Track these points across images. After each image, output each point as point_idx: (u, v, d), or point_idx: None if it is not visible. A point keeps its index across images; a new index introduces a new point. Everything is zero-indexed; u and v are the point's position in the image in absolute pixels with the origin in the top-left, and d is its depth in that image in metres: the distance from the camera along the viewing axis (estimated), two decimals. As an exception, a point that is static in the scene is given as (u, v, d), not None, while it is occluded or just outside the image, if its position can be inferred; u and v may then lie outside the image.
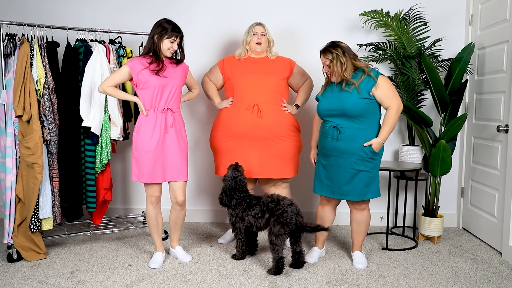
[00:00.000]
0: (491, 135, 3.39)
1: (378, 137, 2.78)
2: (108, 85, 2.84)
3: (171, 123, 2.87)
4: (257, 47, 3.22)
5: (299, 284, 2.67)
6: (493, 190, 3.36)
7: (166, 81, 2.84)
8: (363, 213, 2.92)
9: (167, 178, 2.90)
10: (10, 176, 2.98)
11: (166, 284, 2.67)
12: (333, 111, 2.78)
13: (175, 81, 2.88)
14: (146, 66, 2.82)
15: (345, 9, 3.82)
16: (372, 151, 2.77)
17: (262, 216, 2.85)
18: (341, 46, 2.76)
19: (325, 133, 2.84)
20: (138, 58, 2.86)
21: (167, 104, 2.87)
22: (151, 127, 2.84)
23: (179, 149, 2.91)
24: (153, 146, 2.83)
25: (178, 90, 2.92)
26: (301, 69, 3.34)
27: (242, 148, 3.18)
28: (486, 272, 2.89)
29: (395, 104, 2.75)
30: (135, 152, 2.88)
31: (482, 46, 3.55)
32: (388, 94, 2.75)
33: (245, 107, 3.15)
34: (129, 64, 2.84)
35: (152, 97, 2.83)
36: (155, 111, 2.85)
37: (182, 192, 2.94)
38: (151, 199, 2.93)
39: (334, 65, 2.73)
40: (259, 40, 3.21)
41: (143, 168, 2.85)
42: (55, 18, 3.74)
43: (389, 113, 2.77)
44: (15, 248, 3.00)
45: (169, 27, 2.81)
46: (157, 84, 2.82)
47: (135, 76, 2.82)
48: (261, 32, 3.22)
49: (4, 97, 3.01)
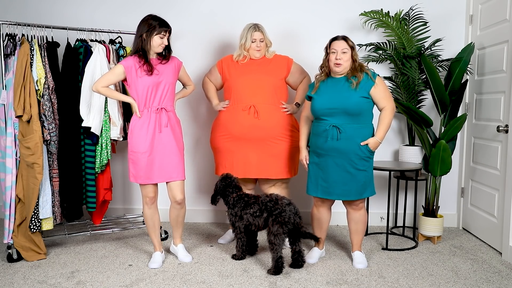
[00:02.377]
0: (491, 135, 3.39)
1: (375, 137, 2.79)
2: (102, 85, 2.81)
3: (166, 123, 2.86)
4: (256, 53, 3.20)
5: (299, 284, 2.67)
6: (493, 190, 3.36)
7: (159, 79, 2.81)
8: (360, 212, 2.92)
9: (165, 178, 2.89)
10: (10, 176, 2.98)
11: (166, 284, 2.67)
12: (333, 109, 2.77)
13: (167, 79, 2.85)
14: (139, 66, 2.79)
15: (345, 9, 3.81)
16: (369, 150, 2.79)
17: (261, 215, 2.85)
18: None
19: (322, 133, 2.81)
20: (132, 57, 2.83)
21: (160, 104, 2.85)
22: (145, 127, 2.82)
23: (175, 148, 2.90)
24: (148, 147, 2.82)
25: (171, 88, 2.89)
26: (299, 67, 3.32)
27: (241, 148, 3.18)
28: (486, 272, 2.89)
29: (390, 105, 2.80)
30: (130, 153, 2.87)
31: (482, 46, 3.55)
32: (385, 94, 2.79)
33: (242, 108, 3.15)
34: (124, 64, 2.80)
35: (146, 97, 2.81)
36: (149, 111, 2.83)
37: (180, 191, 2.94)
38: (145, 200, 2.93)
39: (355, 54, 2.78)
40: (259, 47, 3.18)
41: (140, 169, 2.85)
42: (55, 18, 3.74)
43: (385, 113, 2.79)
44: (15, 248, 3.00)
45: (156, 23, 2.78)
46: (150, 83, 2.79)
47: (129, 76, 2.80)
48: (260, 39, 3.18)
49: (4, 97, 3.01)
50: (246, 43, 3.18)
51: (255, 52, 3.19)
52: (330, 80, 2.85)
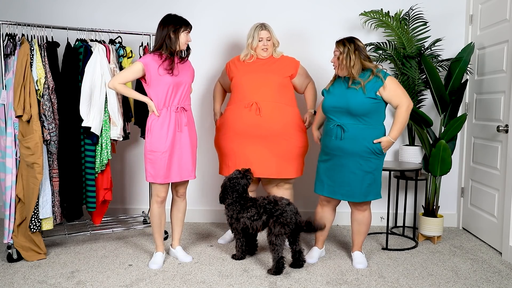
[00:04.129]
0: (491, 135, 3.39)
1: (388, 135, 2.77)
2: (119, 82, 2.79)
3: (185, 122, 2.86)
4: (264, 53, 3.20)
5: (299, 284, 2.67)
6: (493, 190, 3.36)
7: (179, 79, 2.81)
8: (364, 214, 2.91)
9: (182, 177, 2.91)
10: (10, 176, 2.98)
11: (166, 284, 2.67)
12: (338, 108, 2.77)
13: (186, 79, 2.86)
14: (159, 64, 2.77)
15: (345, 9, 3.82)
16: (380, 149, 2.76)
17: (259, 218, 2.84)
18: (356, 43, 2.76)
19: (329, 132, 2.82)
20: (151, 55, 2.80)
21: (180, 103, 2.84)
22: (165, 127, 2.80)
23: (192, 147, 2.93)
24: (169, 146, 2.81)
25: (189, 87, 2.91)
26: (305, 70, 3.33)
27: (244, 147, 3.16)
28: (486, 272, 2.89)
29: (405, 102, 2.73)
30: (149, 153, 2.82)
31: (482, 46, 3.55)
32: (396, 93, 2.74)
33: (244, 105, 3.14)
34: (143, 61, 2.78)
35: (166, 96, 2.79)
36: (168, 110, 2.81)
37: (185, 186, 3.02)
38: (157, 199, 2.92)
39: (343, 58, 2.73)
40: (265, 46, 3.18)
41: (159, 169, 2.82)
42: (55, 18, 3.74)
43: (399, 111, 2.74)
44: (15, 248, 3.00)
45: (182, 21, 2.82)
46: (171, 82, 2.78)
47: (149, 73, 2.77)
48: (267, 37, 3.18)
49: (4, 97, 3.01)
50: (253, 42, 3.18)
51: (262, 51, 3.19)
52: (340, 80, 2.84)
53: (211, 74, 3.90)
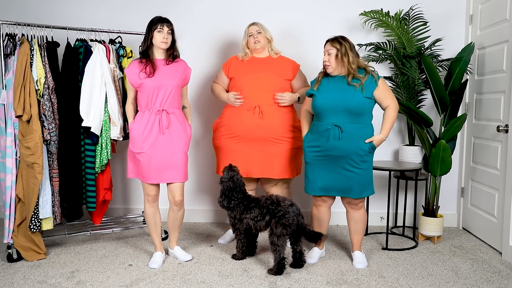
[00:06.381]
0: (491, 135, 3.39)
1: (380, 134, 2.81)
2: (130, 102, 2.95)
3: (167, 125, 2.86)
4: (256, 45, 3.21)
5: (299, 284, 2.67)
6: (493, 190, 3.36)
7: (160, 82, 2.83)
8: (360, 211, 2.93)
9: (163, 179, 2.88)
10: (10, 176, 2.98)
11: (166, 284, 2.67)
12: (335, 106, 2.76)
13: (171, 81, 2.86)
14: (141, 69, 2.84)
15: (345, 9, 3.81)
16: (373, 147, 2.80)
17: (262, 218, 2.84)
18: (349, 41, 2.82)
19: (323, 133, 2.80)
20: (135, 62, 2.90)
21: (162, 105, 2.85)
22: (147, 129, 2.84)
23: (177, 149, 2.89)
24: (147, 148, 2.84)
25: (175, 90, 2.88)
26: (304, 76, 3.33)
27: (244, 148, 3.18)
28: (486, 272, 2.89)
29: (394, 103, 2.83)
30: (130, 151, 2.92)
31: (482, 46, 3.55)
32: (388, 93, 2.82)
33: (246, 108, 3.15)
34: (126, 71, 2.91)
35: (147, 99, 2.84)
36: (150, 112, 2.85)
37: (179, 192, 2.93)
38: (147, 198, 2.94)
39: (342, 56, 2.76)
40: (256, 38, 3.20)
41: (139, 168, 2.88)
42: (55, 18, 3.74)
43: (389, 111, 2.81)
44: (15, 248, 3.00)
45: (155, 19, 2.85)
46: (151, 85, 2.82)
47: (132, 81, 2.86)
48: (256, 31, 3.21)
49: (4, 97, 3.01)
50: (245, 40, 3.25)
51: (254, 45, 3.21)
52: (331, 78, 2.85)
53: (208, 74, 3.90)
